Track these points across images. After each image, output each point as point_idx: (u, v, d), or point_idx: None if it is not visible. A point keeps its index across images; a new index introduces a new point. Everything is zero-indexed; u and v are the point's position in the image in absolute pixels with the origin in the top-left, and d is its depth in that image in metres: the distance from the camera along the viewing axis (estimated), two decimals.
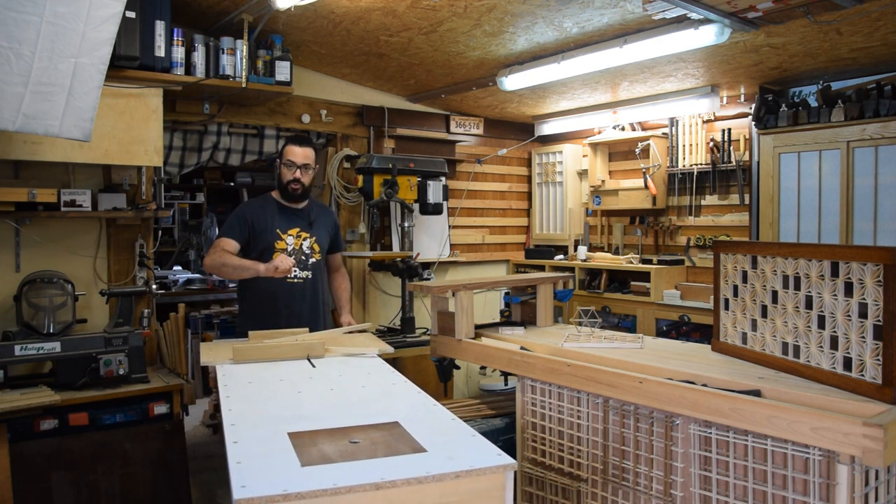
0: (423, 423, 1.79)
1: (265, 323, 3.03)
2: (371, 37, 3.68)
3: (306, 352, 2.61)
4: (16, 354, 2.81)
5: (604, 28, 3.37)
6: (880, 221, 3.66)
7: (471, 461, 1.49)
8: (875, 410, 1.74)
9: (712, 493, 1.98)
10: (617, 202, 5.08)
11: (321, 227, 3.34)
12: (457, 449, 1.58)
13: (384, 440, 1.65)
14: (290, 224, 3.25)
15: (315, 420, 1.81)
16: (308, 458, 1.51)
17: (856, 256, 1.88)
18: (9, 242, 3.23)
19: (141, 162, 3.26)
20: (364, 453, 1.56)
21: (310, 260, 3.27)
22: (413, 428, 1.73)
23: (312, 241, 3.29)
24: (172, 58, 3.31)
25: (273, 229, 3.19)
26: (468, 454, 1.54)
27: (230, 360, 2.54)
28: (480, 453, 1.56)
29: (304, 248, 3.26)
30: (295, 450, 1.56)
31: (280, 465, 1.48)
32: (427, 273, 4.44)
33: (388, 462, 1.50)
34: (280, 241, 3.20)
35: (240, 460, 1.49)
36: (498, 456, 1.53)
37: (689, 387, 2.02)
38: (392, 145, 4.86)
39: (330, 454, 1.55)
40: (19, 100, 2.42)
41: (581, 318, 2.97)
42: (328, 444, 1.62)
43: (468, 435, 1.69)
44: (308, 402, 2.00)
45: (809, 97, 4.03)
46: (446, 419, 1.83)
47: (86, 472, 2.88)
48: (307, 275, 3.25)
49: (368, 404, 1.98)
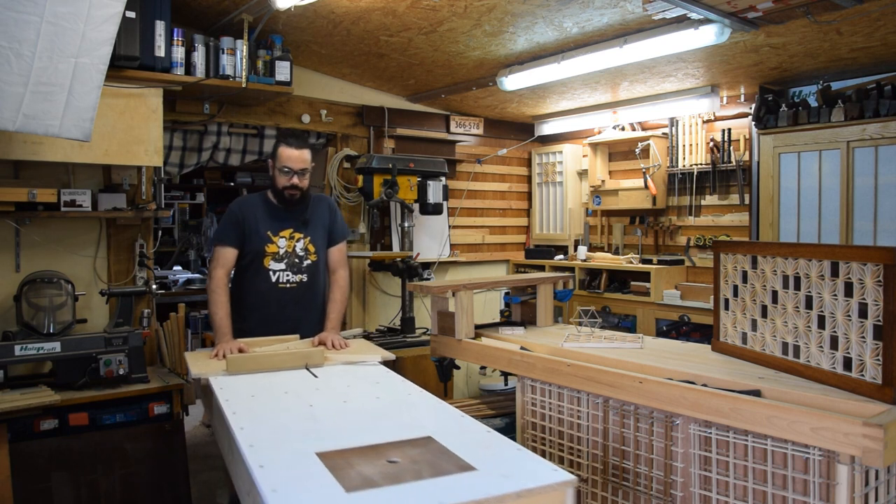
0: (458, 436, 1.68)
1: (258, 329, 2.95)
2: (371, 37, 3.68)
3: (304, 360, 2.52)
4: (16, 354, 2.81)
5: (604, 28, 3.37)
6: (880, 221, 3.66)
7: (527, 478, 1.40)
8: (875, 410, 1.74)
9: (712, 493, 1.98)
10: (617, 202, 5.08)
11: (316, 225, 3.12)
12: (507, 465, 1.48)
13: (424, 458, 1.53)
14: (282, 225, 3.05)
15: (340, 437, 1.70)
16: (350, 483, 1.39)
17: (856, 256, 1.88)
18: (9, 242, 3.23)
19: (141, 162, 3.25)
20: (409, 474, 1.44)
21: (304, 262, 3.08)
22: (449, 442, 1.62)
23: (307, 242, 3.09)
24: (172, 58, 3.31)
25: (263, 232, 3.01)
26: (521, 471, 1.44)
27: (224, 372, 2.44)
28: (534, 469, 1.46)
29: (297, 251, 3.07)
30: (332, 473, 1.44)
31: (322, 491, 1.35)
32: (427, 273, 4.44)
33: (439, 484, 1.39)
34: (271, 244, 3.03)
35: (275, 488, 1.37)
36: (554, 471, 1.44)
37: (689, 387, 2.02)
38: (392, 145, 4.86)
39: (372, 477, 1.43)
40: (19, 100, 2.42)
41: (581, 318, 2.97)
42: (366, 465, 1.49)
43: (512, 448, 1.60)
44: (325, 417, 1.90)
45: (809, 97, 4.03)
46: (480, 431, 1.74)
47: (86, 472, 2.88)
48: (301, 278, 3.07)
49: (390, 417, 1.89)
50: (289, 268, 3.05)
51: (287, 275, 3.05)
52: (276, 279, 3.04)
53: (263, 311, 3.04)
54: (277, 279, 3.03)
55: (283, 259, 3.04)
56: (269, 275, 3.03)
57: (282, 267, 3.04)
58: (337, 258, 3.18)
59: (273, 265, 3.03)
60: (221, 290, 2.92)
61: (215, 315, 2.89)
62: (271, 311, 3.04)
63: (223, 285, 2.93)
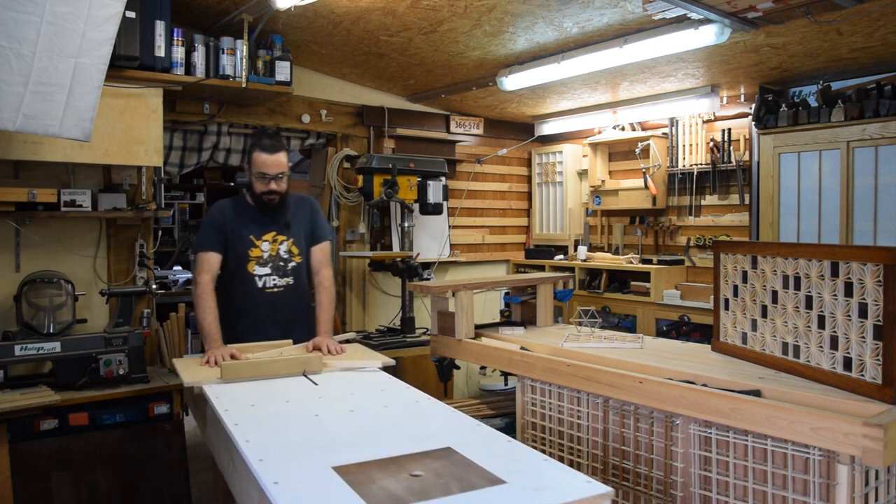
0: (479, 446, 1.61)
1: (248, 336, 2.86)
2: (371, 37, 3.68)
3: (302, 367, 2.43)
4: (16, 354, 2.81)
5: (604, 28, 3.37)
6: (880, 221, 3.66)
7: (562, 492, 1.34)
8: (875, 410, 1.74)
9: (712, 493, 1.98)
10: (617, 202, 5.08)
11: (298, 226, 3.02)
12: (537, 477, 1.41)
13: (448, 471, 1.45)
14: (265, 228, 2.95)
15: (353, 449, 1.61)
16: (375, 500, 1.32)
17: (856, 256, 1.88)
18: (9, 242, 3.23)
19: (141, 162, 3.25)
20: (436, 489, 1.36)
21: (289, 265, 2.99)
22: (471, 453, 1.55)
23: (290, 244, 2.99)
24: (172, 58, 3.31)
25: (246, 236, 2.92)
26: (554, 483, 1.38)
27: (218, 380, 2.33)
28: (566, 481, 1.39)
29: (281, 254, 2.98)
30: (353, 489, 1.36)
31: None
32: (427, 273, 4.44)
33: (470, 499, 1.31)
34: (254, 248, 2.93)
35: None
36: (588, 483, 1.37)
37: (689, 387, 2.02)
38: (392, 145, 4.86)
39: (398, 492, 1.35)
40: (19, 100, 2.42)
41: (581, 318, 2.97)
42: (388, 480, 1.41)
43: (539, 459, 1.53)
44: (334, 428, 1.81)
45: (809, 97, 4.03)
46: (502, 441, 1.67)
47: (86, 472, 2.88)
48: (288, 281, 2.98)
49: (403, 427, 1.82)
50: (274, 271, 2.96)
51: (273, 279, 2.96)
52: (262, 284, 2.94)
53: (252, 316, 2.94)
54: (264, 284, 2.94)
55: (268, 263, 2.95)
56: (254, 280, 2.93)
57: (267, 271, 2.95)
58: (320, 258, 3.07)
59: (258, 269, 2.94)
60: (208, 295, 2.81)
61: (203, 321, 2.77)
62: (260, 316, 2.95)
63: (210, 290, 2.82)
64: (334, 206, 4.63)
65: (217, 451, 2.19)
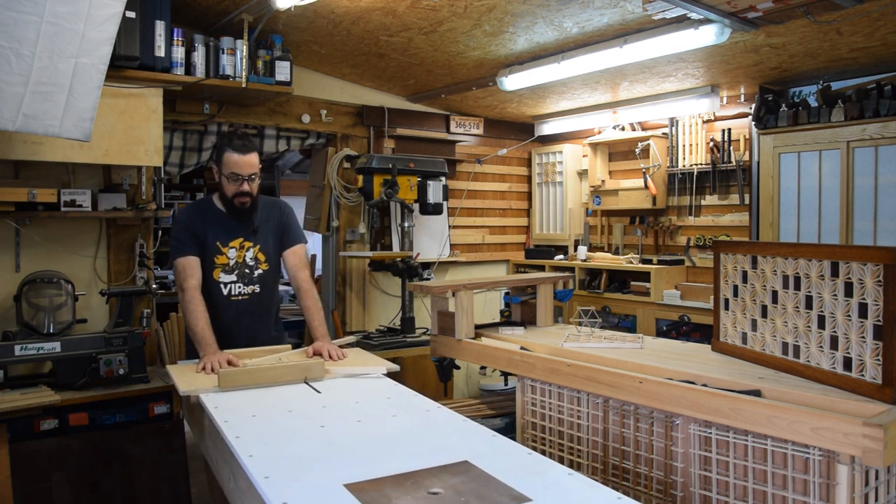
0: (497, 459, 1.53)
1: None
2: (371, 37, 3.68)
3: (304, 374, 2.35)
4: (16, 354, 2.81)
5: (604, 28, 3.37)
6: (880, 221, 3.66)
7: None
8: (875, 410, 1.74)
9: (712, 493, 1.98)
10: (617, 202, 5.08)
11: (266, 232, 2.92)
12: (564, 494, 1.34)
13: (468, 488, 1.38)
14: (233, 234, 2.86)
15: (365, 464, 1.53)
16: None
17: (856, 256, 1.88)
18: (9, 242, 3.23)
19: (141, 162, 3.26)
20: None
21: (255, 272, 2.89)
22: (490, 467, 1.47)
23: (256, 251, 2.89)
24: (172, 58, 3.31)
25: (213, 242, 2.82)
26: (583, 500, 1.32)
27: (215, 388, 2.25)
28: (595, 498, 1.33)
29: (247, 261, 2.88)
30: None
31: None
32: (427, 273, 4.44)
33: None
34: (220, 255, 2.83)
35: None
36: (619, 500, 1.31)
37: (689, 387, 2.02)
38: (392, 145, 4.86)
39: None
40: (19, 100, 2.42)
41: (581, 318, 2.97)
42: (405, 499, 1.33)
43: (563, 473, 1.46)
44: (342, 440, 1.72)
45: (809, 97, 4.03)
46: (521, 453, 1.60)
47: (86, 472, 2.88)
48: (253, 289, 2.89)
49: (415, 439, 1.73)
50: (240, 279, 2.87)
51: (238, 286, 2.87)
52: (227, 291, 2.86)
53: (217, 323, 2.77)
54: (229, 291, 2.86)
55: (234, 270, 2.87)
56: (219, 287, 2.85)
57: (232, 279, 2.86)
58: (294, 262, 2.97)
59: (223, 277, 2.85)
60: (197, 300, 2.71)
61: (195, 327, 2.66)
62: (225, 324, 2.83)
63: (198, 296, 2.73)
64: (334, 206, 4.64)
65: (216, 464, 2.12)
